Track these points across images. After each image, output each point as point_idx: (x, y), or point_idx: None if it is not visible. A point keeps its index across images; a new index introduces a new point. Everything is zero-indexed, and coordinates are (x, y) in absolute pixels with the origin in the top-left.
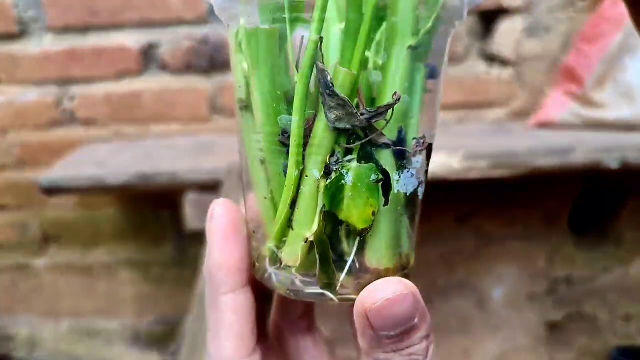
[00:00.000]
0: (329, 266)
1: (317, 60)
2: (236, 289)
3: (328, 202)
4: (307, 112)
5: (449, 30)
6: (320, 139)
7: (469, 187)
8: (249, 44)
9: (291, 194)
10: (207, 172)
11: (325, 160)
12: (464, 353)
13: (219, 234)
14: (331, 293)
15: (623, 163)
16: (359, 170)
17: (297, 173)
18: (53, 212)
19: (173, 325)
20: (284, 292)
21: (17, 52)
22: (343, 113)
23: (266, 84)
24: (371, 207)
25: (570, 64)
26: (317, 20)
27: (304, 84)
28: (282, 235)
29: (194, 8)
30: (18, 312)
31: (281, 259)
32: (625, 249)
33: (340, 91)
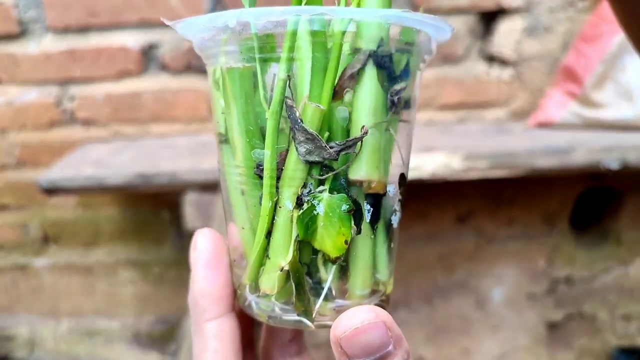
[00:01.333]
0: (304, 294)
1: (286, 97)
2: (220, 316)
3: (302, 232)
4: (279, 146)
5: (419, 65)
6: (292, 172)
7: (469, 187)
8: (224, 82)
9: (266, 225)
10: (207, 172)
11: (298, 191)
12: (464, 353)
13: (202, 263)
14: (308, 320)
15: (623, 163)
16: (331, 200)
17: (271, 204)
18: (53, 212)
19: (173, 325)
20: (264, 320)
21: (17, 52)
22: (313, 146)
23: (241, 120)
24: (343, 235)
25: (570, 64)
26: (285, 60)
27: (274, 120)
28: (260, 264)
29: (194, 8)
30: (18, 312)
31: (260, 287)
32: (625, 249)
33: (310, 126)
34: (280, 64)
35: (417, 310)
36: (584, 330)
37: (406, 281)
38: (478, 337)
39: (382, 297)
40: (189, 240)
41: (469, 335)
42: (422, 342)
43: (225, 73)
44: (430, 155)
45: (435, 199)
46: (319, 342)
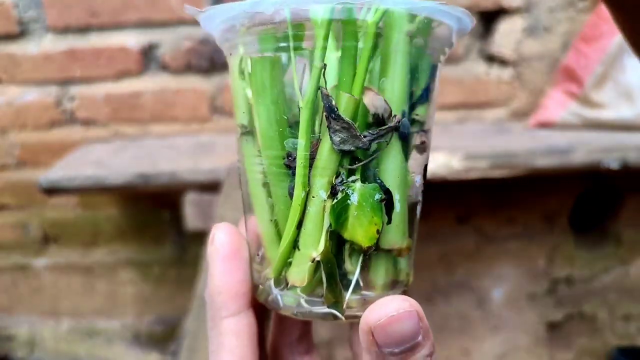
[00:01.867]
0: (336, 285)
1: (320, 86)
2: (237, 313)
3: (334, 222)
4: (312, 135)
5: (439, 57)
6: (326, 161)
7: (469, 187)
8: (255, 72)
9: (298, 215)
10: (207, 172)
11: (331, 181)
12: (464, 353)
13: (219, 258)
14: (339, 312)
15: (623, 163)
16: (364, 190)
17: (303, 194)
18: (53, 212)
19: (173, 325)
20: (290, 314)
21: (17, 52)
22: (347, 135)
23: (272, 109)
24: (375, 225)
25: (570, 64)
26: (319, 49)
27: (309, 109)
28: (288, 256)
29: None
30: (18, 312)
31: (287, 280)
32: (625, 249)
33: (344, 115)
34: (315, 53)
35: None
36: (584, 330)
37: None
38: (478, 337)
39: (404, 288)
40: (189, 240)
41: (469, 335)
42: None
43: (255, 62)
44: (430, 155)
45: (435, 199)
46: (317, 340)
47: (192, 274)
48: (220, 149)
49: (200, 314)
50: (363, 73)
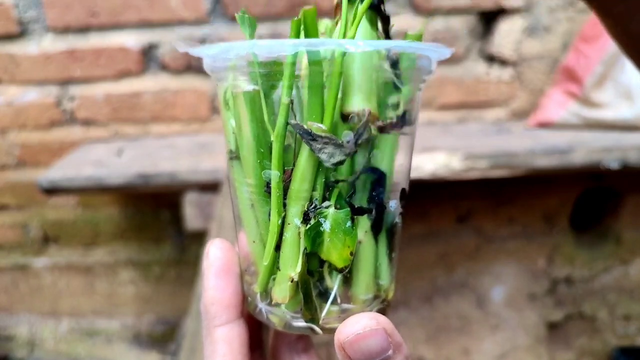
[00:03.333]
0: (312, 302)
1: (290, 119)
2: (229, 322)
3: (309, 245)
4: (286, 168)
5: (419, 84)
6: (298, 189)
7: (469, 187)
8: (236, 105)
9: (275, 239)
10: (207, 172)
11: (304, 208)
12: (464, 353)
13: (212, 273)
14: (316, 326)
15: (623, 163)
16: (336, 216)
17: (279, 220)
18: (53, 212)
19: (173, 325)
20: (275, 326)
21: (17, 52)
22: (332, 148)
23: (251, 142)
24: (348, 247)
25: (570, 64)
26: (286, 87)
27: (279, 142)
28: (270, 275)
29: (194, 8)
30: (18, 312)
31: (271, 297)
32: (625, 248)
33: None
34: (282, 90)
35: (417, 310)
36: (584, 330)
37: (406, 281)
38: (478, 337)
39: (383, 303)
40: (189, 240)
41: (468, 335)
42: (422, 341)
43: (236, 96)
44: (430, 155)
45: (435, 199)
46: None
47: (192, 274)
48: (220, 149)
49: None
50: (332, 108)
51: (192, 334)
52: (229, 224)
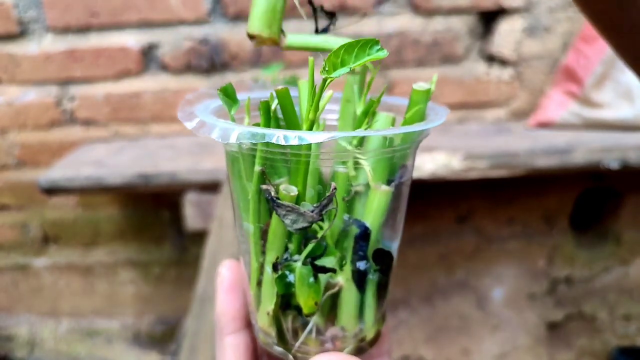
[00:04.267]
0: (283, 336)
1: (261, 184)
2: (236, 331)
3: (281, 289)
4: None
5: (417, 147)
6: (272, 242)
7: (469, 187)
8: (227, 161)
9: (255, 279)
10: (207, 172)
11: (274, 259)
12: (464, 353)
13: (222, 290)
14: (289, 354)
15: (623, 163)
16: (300, 271)
17: (257, 265)
18: (53, 212)
19: (173, 325)
20: (261, 343)
21: (17, 52)
22: (295, 216)
23: (235, 196)
24: (312, 299)
25: (570, 64)
26: (258, 157)
27: (254, 203)
28: (257, 304)
29: (194, 8)
30: (18, 312)
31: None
32: (625, 248)
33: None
34: (256, 161)
35: (417, 310)
36: (584, 330)
37: (406, 281)
38: (478, 337)
39: (362, 342)
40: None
41: (469, 335)
42: (422, 342)
43: (226, 153)
44: (430, 155)
45: (435, 199)
46: None
47: (192, 274)
48: (220, 149)
49: (200, 314)
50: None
51: (192, 334)
52: (229, 224)
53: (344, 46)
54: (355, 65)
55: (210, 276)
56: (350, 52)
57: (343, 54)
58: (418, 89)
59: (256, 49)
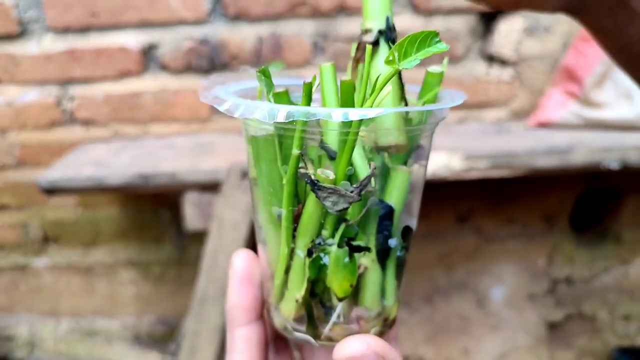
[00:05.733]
0: (313, 321)
1: (300, 167)
2: (247, 324)
3: (313, 274)
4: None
5: (434, 127)
6: (305, 227)
7: (469, 187)
8: (252, 145)
9: (284, 266)
10: (207, 172)
11: (309, 243)
12: (464, 353)
13: (235, 281)
14: (315, 339)
15: (623, 163)
16: (336, 253)
17: (287, 251)
18: (53, 212)
19: (173, 325)
20: (280, 332)
21: (17, 52)
22: (336, 197)
23: (263, 180)
24: (348, 281)
25: (570, 64)
26: (297, 139)
27: (289, 187)
28: (281, 292)
29: (194, 8)
30: (18, 312)
31: (280, 310)
32: (625, 248)
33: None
34: (294, 142)
35: (417, 310)
36: (584, 330)
37: (406, 281)
38: (478, 337)
39: (386, 321)
40: (189, 240)
41: (469, 335)
42: (422, 341)
43: (254, 138)
44: (431, 155)
45: (435, 199)
46: None
47: (192, 274)
48: (220, 149)
49: (200, 314)
50: (346, 162)
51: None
52: (229, 224)
53: (408, 38)
54: (419, 57)
55: (210, 276)
56: (413, 44)
57: (407, 46)
58: (432, 71)
59: (256, 49)
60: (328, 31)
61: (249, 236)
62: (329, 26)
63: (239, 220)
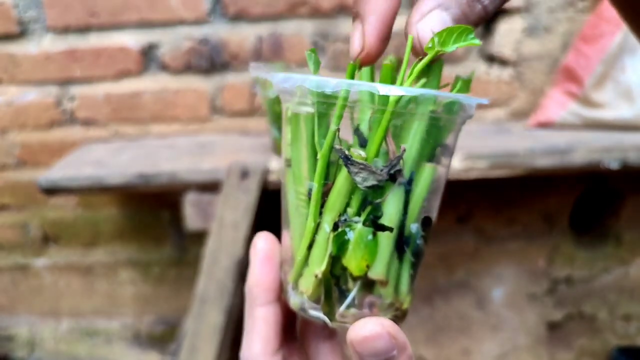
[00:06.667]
0: (330, 299)
1: (335, 144)
2: (267, 304)
3: (335, 249)
4: (325, 182)
5: (461, 126)
6: (333, 202)
7: (469, 187)
8: (292, 122)
9: (309, 240)
10: (207, 172)
11: (335, 218)
12: (464, 353)
13: (257, 260)
14: (329, 319)
15: (623, 163)
16: (361, 230)
17: (314, 225)
18: (53, 212)
19: (173, 325)
20: (296, 310)
21: (17, 52)
22: (366, 174)
23: (301, 155)
24: (365, 260)
25: (570, 64)
26: (336, 116)
27: (323, 161)
28: (301, 269)
29: (194, 8)
30: (18, 312)
31: (298, 286)
32: (625, 249)
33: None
34: (333, 119)
35: (417, 310)
36: (584, 330)
37: None
38: (478, 337)
39: (397, 312)
40: (189, 240)
41: (469, 335)
42: (422, 342)
43: (293, 115)
44: None
45: None
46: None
47: (192, 274)
48: (220, 149)
49: (200, 314)
50: (378, 143)
51: (192, 334)
52: (229, 224)
53: (447, 30)
54: (457, 45)
55: (210, 276)
56: (450, 35)
57: (446, 36)
58: (461, 78)
59: (256, 49)
60: (328, 31)
61: (249, 236)
62: (329, 26)
63: (239, 220)
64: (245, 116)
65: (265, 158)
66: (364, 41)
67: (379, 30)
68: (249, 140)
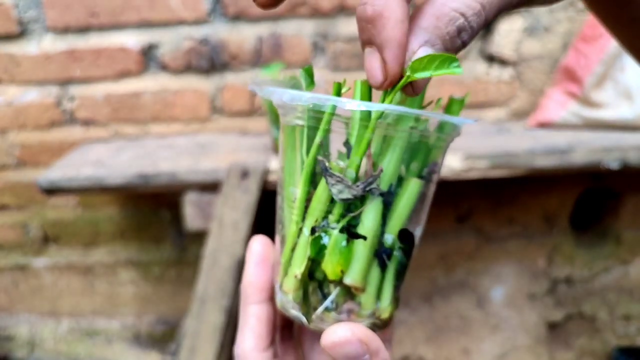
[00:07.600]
0: (307, 300)
1: (318, 155)
2: (260, 302)
3: (313, 252)
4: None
5: (449, 144)
6: (313, 209)
7: (469, 187)
8: (284, 133)
9: (291, 243)
10: (207, 172)
11: (314, 223)
12: (464, 353)
13: (252, 262)
14: (307, 320)
15: (623, 163)
16: (336, 237)
17: (296, 229)
18: (53, 212)
19: (173, 325)
20: (279, 309)
21: (17, 52)
22: (343, 187)
23: (289, 163)
24: (340, 266)
25: (569, 64)
26: (321, 130)
27: (307, 170)
28: (286, 270)
29: (194, 8)
30: (18, 312)
31: (283, 287)
32: (625, 248)
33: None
34: (318, 132)
35: (417, 310)
36: (584, 330)
37: (406, 281)
38: (478, 337)
39: (376, 320)
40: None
41: (469, 335)
42: (422, 342)
43: (284, 127)
44: None
45: (435, 199)
46: None
47: (192, 274)
48: (220, 149)
49: (200, 314)
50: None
51: (192, 334)
52: (229, 224)
53: (428, 57)
54: (432, 74)
55: (210, 276)
56: (432, 62)
57: (427, 63)
58: (455, 98)
59: (256, 49)
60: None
61: (249, 236)
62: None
63: (239, 220)
64: (245, 116)
65: (265, 158)
66: (387, 70)
67: (399, 58)
68: (248, 140)
